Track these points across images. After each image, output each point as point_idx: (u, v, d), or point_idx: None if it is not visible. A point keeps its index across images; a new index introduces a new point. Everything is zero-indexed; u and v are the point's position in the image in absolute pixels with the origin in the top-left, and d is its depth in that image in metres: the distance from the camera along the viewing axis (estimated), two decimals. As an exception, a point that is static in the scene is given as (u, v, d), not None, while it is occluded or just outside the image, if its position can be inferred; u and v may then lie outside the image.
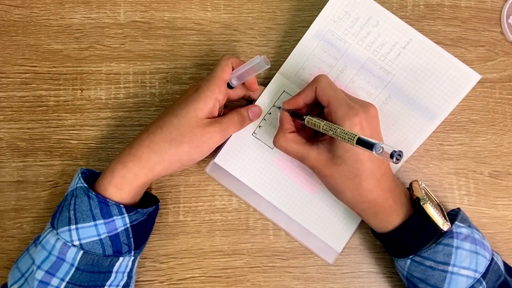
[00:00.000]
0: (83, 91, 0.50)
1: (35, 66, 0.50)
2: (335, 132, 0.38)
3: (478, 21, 0.51)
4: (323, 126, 0.40)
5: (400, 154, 0.32)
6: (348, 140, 0.36)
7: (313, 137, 0.45)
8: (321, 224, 0.47)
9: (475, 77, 0.45)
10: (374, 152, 0.33)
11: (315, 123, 0.41)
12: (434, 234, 0.40)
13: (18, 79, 0.49)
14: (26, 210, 0.48)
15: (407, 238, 0.41)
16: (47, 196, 0.48)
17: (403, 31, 0.46)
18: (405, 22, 0.46)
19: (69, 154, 0.49)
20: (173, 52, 0.50)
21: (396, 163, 0.32)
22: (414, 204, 0.42)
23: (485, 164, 0.49)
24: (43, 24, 0.50)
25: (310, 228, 0.47)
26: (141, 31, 0.50)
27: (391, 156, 0.32)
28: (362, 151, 0.38)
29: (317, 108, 0.45)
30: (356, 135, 0.35)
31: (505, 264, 0.43)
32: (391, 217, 0.41)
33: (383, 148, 0.33)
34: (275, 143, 0.43)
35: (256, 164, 0.47)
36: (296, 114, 0.44)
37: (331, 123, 0.39)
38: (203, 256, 0.48)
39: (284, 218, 0.47)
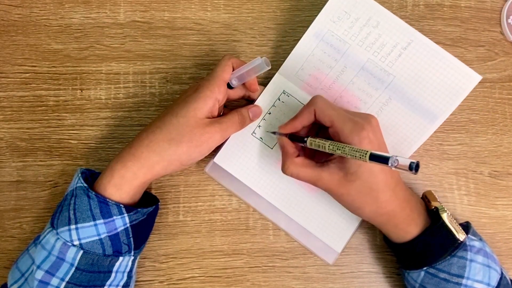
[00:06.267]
0: (83, 91, 0.50)
1: (35, 66, 0.50)
2: (344, 151, 0.37)
3: (478, 21, 0.51)
4: (328, 146, 0.38)
5: (418, 165, 0.31)
6: (360, 157, 0.35)
7: (312, 158, 0.44)
8: (321, 225, 0.47)
9: (476, 78, 0.45)
10: (390, 165, 0.32)
11: (319, 144, 0.40)
12: (451, 245, 0.40)
13: (18, 79, 0.49)
14: (26, 210, 0.48)
15: (425, 248, 0.40)
16: (46, 196, 0.48)
17: (404, 32, 0.45)
18: (405, 22, 0.45)
19: (69, 154, 0.49)
20: (173, 52, 0.50)
21: (414, 173, 0.31)
22: (430, 214, 0.42)
23: (485, 164, 0.49)
24: (43, 24, 0.50)
25: (310, 228, 0.47)
26: (141, 31, 0.50)
27: (410, 168, 0.31)
28: (374, 163, 0.38)
29: (313, 128, 0.45)
30: (367, 151, 0.34)
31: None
32: (409, 227, 0.41)
33: (398, 160, 0.31)
34: (285, 171, 0.42)
35: (255, 164, 0.47)
36: (294, 137, 0.43)
37: (336, 142, 0.38)
38: (203, 256, 0.48)
39: (284, 218, 0.47)
